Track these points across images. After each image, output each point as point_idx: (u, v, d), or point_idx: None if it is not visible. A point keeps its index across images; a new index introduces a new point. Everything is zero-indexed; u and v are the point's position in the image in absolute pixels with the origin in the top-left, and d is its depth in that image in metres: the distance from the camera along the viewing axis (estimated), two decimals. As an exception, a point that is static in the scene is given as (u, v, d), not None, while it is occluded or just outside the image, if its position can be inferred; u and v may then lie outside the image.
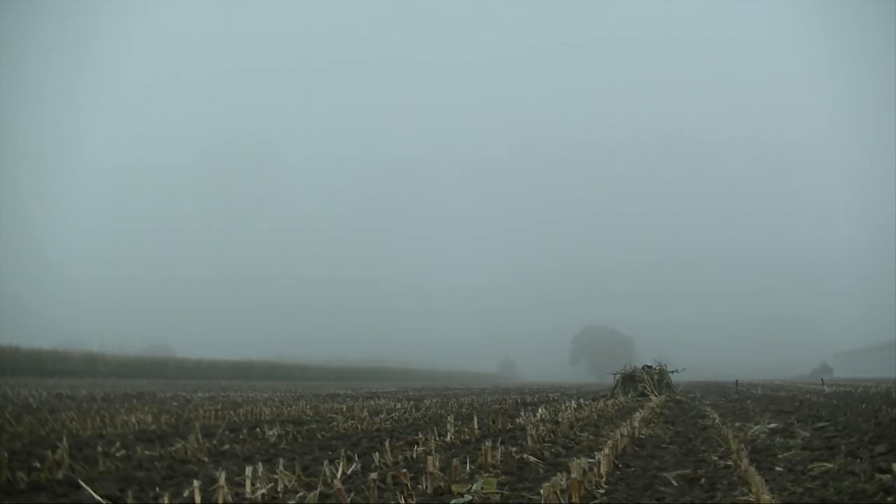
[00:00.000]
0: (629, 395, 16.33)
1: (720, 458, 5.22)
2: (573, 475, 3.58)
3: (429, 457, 4.23)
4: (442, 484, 4.12)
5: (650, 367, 17.95)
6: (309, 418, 9.06)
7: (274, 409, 10.78)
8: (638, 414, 8.49)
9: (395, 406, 11.77)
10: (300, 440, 6.59)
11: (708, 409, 11.43)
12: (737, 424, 8.08)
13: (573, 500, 3.52)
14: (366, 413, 9.24)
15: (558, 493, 3.38)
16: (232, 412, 9.67)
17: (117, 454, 5.23)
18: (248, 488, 3.80)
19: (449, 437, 6.42)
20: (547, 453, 5.60)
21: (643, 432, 7.25)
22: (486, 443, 5.10)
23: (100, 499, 3.61)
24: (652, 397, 15.40)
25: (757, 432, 7.06)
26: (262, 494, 3.77)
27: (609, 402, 12.76)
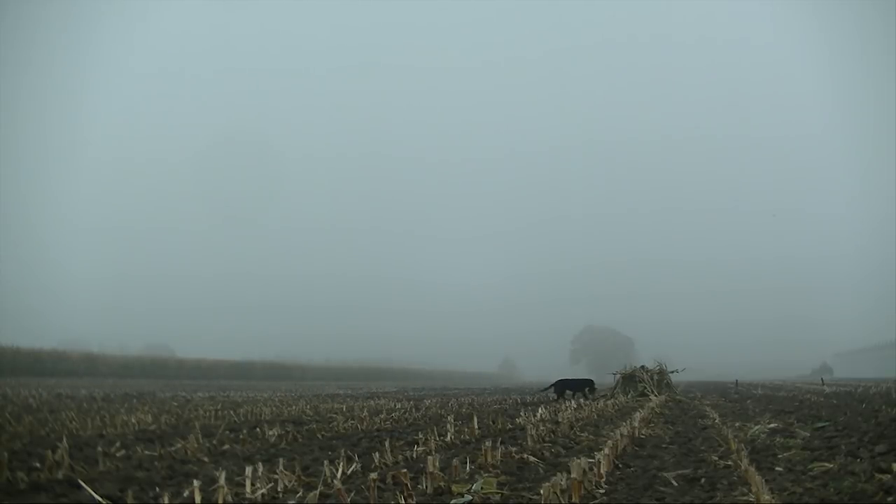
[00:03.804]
0: (629, 395, 16.34)
1: (720, 458, 5.22)
2: (573, 475, 3.58)
3: (429, 457, 4.23)
4: (442, 484, 4.11)
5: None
6: (309, 418, 9.06)
7: (274, 409, 10.79)
8: (638, 414, 8.49)
9: (395, 406, 11.77)
10: (300, 440, 6.59)
11: (708, 409, 11.43)
12: (737, 424, 8.07)
13: (573, 500, 3.51)
14: (366, 413, 9.23)
15: (558, 493, 3.38)
16: (232, 412, 9.67)
17: (117, 454, 5.23)
18: (248, 488, 3.80)
19: (449, 437, 6.42)
20: (547, 453, 5.60)
21: (643, 432, 7.25)
22: (486, 443, 5.10)
23: (100, 499, 3.61)
24: (652, 397, 15.40)
25: (757, 432, 7.06)
26: (262, 494, 3.77)
27: (609, 402, 12.75)
